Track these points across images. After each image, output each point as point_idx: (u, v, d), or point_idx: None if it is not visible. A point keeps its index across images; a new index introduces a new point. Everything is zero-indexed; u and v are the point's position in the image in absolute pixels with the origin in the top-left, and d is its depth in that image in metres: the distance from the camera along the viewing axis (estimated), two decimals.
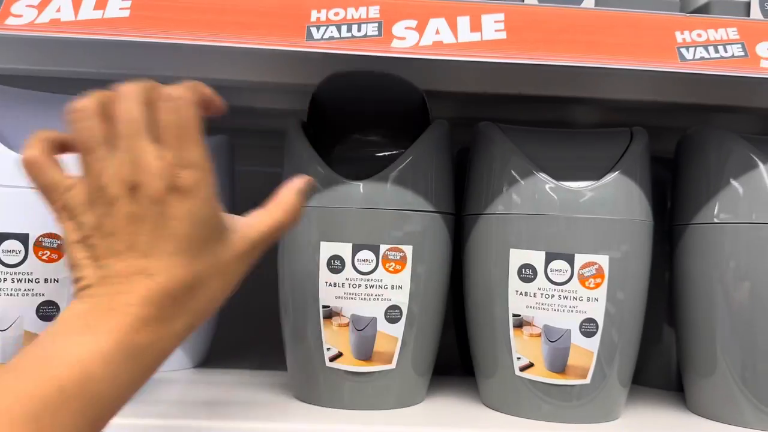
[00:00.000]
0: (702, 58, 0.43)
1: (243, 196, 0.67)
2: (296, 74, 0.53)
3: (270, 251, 0.53)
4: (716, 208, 0.49)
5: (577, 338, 0.47)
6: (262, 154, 0.77)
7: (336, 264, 0.48)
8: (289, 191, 0.38)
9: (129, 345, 0.29)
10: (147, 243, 0.31)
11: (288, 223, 0.37)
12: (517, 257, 0.48)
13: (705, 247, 0.50)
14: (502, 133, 0.51)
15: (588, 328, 0.47)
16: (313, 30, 0.43)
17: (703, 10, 0.49)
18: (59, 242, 0.43)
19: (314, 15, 0.43)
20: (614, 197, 0.48)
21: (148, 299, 0.30)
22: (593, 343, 0.47)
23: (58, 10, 0.43)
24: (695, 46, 0.44)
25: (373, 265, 0.48)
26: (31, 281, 0.44)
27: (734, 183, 0.48)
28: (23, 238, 0.43)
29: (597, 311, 0.47)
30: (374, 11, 0.44)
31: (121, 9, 0.43)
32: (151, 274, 0.30)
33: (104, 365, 0.28)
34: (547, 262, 0.47)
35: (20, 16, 0.42)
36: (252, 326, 0.77)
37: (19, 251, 0.43)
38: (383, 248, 0.48)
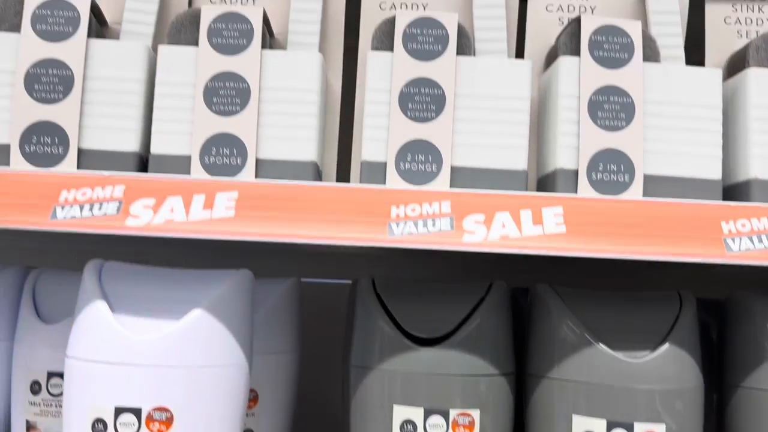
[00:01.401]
0: (747, 249, 0.48)
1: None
2: None
3: (335, 408, 0.57)
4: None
5: None
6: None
7: (408, 428, 0.52)
8: None
9: None
10: None
11: None
12: (580, 424, 0.51)
13: (756, 411, 0.53)
14: (559, 298, 0.55)
15: None
16: (394, 225, 0.48)
17: (742, 187, 0.54)
18: (167, 414, 0.49)
19: (394, 211, 0.49)
20: (669, 368, 0.51)
21: None
22: None
23: (172, 211, 0.49)
24: (740, 237, 0.48)
25: (444, 429, 0.52)
26: None
27: None
28: (137, 412, 0.49)
29: None
30: (446, 206, 0.49)
31: (227, 209, 0.49)
32: None
33: None
34: (609, 429, 0.50)
35: (138, 216, 0.49)
36: None
37: (133, 424, 0.48)
38: (453, 413, 0.52)
